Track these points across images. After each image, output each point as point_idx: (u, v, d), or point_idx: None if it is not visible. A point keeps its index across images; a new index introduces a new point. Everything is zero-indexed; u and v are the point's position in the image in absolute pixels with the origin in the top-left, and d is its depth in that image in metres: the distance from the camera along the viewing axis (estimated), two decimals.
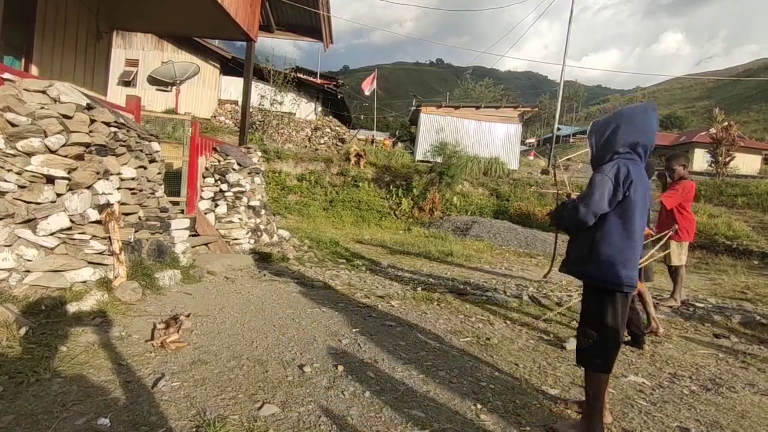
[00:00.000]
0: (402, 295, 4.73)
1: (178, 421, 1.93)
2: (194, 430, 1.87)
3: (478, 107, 20.77)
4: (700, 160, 28.75)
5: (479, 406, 2.33)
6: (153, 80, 19.00)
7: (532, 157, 27.53)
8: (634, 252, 2.05)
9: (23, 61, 6.23)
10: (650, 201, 2.21)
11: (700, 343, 3.80)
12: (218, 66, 20.63)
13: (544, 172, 19.00)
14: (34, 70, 6.22)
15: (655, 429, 2.24)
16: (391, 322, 3.70)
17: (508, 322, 4.04)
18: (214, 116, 20.08)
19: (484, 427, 2.12)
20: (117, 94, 14.62)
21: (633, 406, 2.47)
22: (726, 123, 19.82)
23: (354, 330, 3.43)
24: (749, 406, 2.61)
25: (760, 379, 3.08)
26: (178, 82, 18.79)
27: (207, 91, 20.51)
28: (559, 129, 29.99)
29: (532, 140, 45.03)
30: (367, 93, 24.42)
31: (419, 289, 5.11)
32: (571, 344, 3.40)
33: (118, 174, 3.84)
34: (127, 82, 19.15)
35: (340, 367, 2.67)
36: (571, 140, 48.81)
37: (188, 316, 3.27)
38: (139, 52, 19.76)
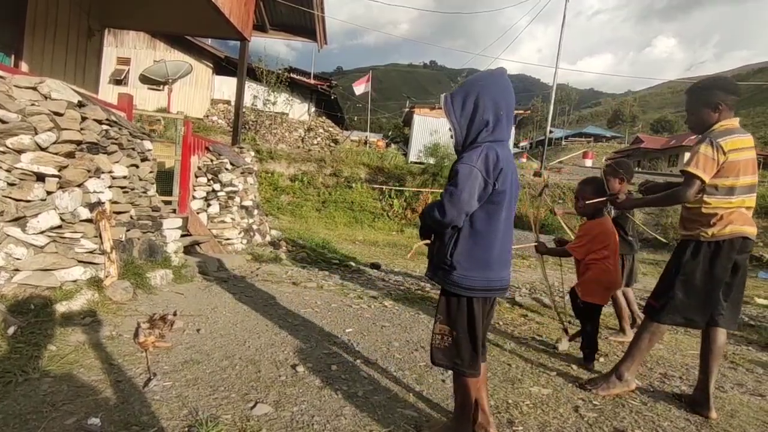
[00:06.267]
0: (395, 295, 4.73)
1: (170, 421, 1.91)
2: (186, 429, 1.86)
3: None
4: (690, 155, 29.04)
5: None
6: (145, 79, 18.83)
7: (524, 160, 27.67)
8: (501, 250, 1.81)
9: (13, 58, 6.15)
10: (518, 187, 1.92)
11: (689, 343, 3.83)
12: (211, 65, 20.53)
13: (537, 174, 19.10)
14: (24, 67, 6.14)
15: (645, 427, 2.26)
16: (384, 323, 3.69)
17: (501, 323, 4.05)
18: (207, 116, 19.95)
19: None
20: (108, 93, 14.49)
21: (624, 406, 2.49)
22: None
23: (347, 330, 3.42)
24: (738, 405, 2.64)
25: (748, 379, 3.11)
26: (170, 81, 18.63)
27: (199, 91, 20.38)
28: (551, 132, 30.21)
29: (525, 143, 45.32)
30: (357, 93, 24.35)
31: (413, 289, 5.11)
32: (564, 345, 3.43)
33: (110, 172, 3.80)
34: (118, 80, 18.99)
35: (334, 367, 2.66)
36: (563, 143, 49.21)
37: (175, 314, 3.22)
38: (131, 51, 19.61)
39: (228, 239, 6.49)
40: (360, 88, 23.99)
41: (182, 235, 5.41)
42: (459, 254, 1.78)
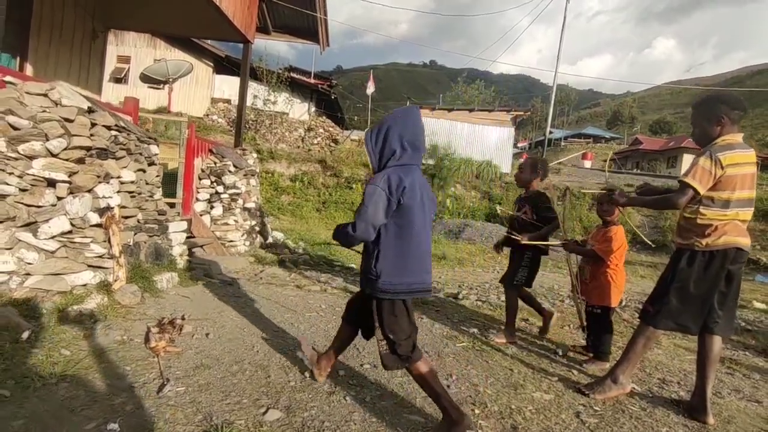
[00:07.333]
0: None
1: (186, 426, 1.97)
2: None
3: (471, 110, 20.89)
4: (689, 164, 29.20)
5: (477, 411, 2.40)
6: (145, 78, 18.84)
7: (523, 160, 27.72)
8: (416, 257, 2.10)
9: (18, 59, 6.19)
10: (434, 204, 2.26)
11: (687, 349, 3.90)
12: (211, 64, 20.54)
13: None
14: (29, 69, 6.18)
15: None
16: None
17: (502, 327, 4.11)
18: (207, 115, 19.97)
19: None
20: (108, 91, 14.49)
21: (624, 412, 2.56)
22: None
23: None
24: (735, 411, 2.71)
25: (745, 384, 3.18)
26: (170, 80, 18.66)
27: (200, 90, 20.38)
28: (551, 132, 30.28)
29: (524, 143, 45.37)
30: (369, 92, 24.86)
31: None
32: (564, 350, 3.49)
33: (118, 177, 3.85)
34: (118, 79, 18.98)
35: (341, 372, 2.72)
36: (563, 144, 49.29)
37: (183, 319, 3.27)
38: (131, 49, 19.59)
39: (231, 241, 6.55)
40: (370, 87, 24.46)
41: (186, 238, 5.46)
42: (381, 265, 2.07)
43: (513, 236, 3.55)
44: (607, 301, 3.27)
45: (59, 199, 3.30)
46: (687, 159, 31.06)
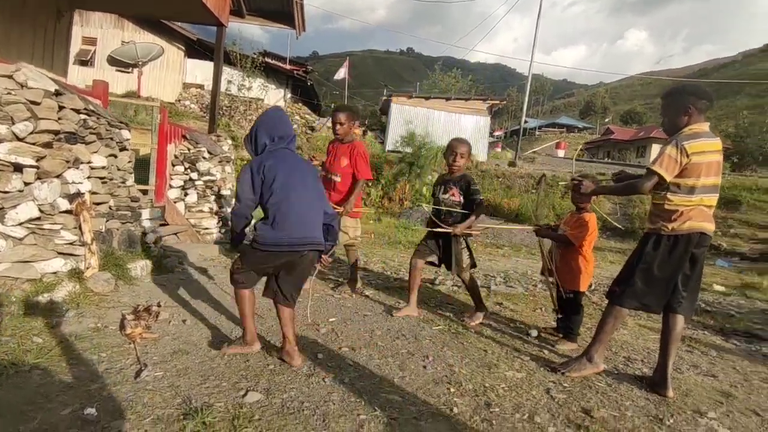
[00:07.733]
0: (375, 284, 4.85)
1: (165, 410, 1.98)
2: (182, 417, 1.93)
3: (448, 99, 20.99)
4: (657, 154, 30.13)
5: (452, 389, 2.48)
6: (113, 61, 18.18)
7: (499, 149, 28.08)
8: (293, 219, 2.46)
9: None
10: (311, 174, 2.69)
11: (651, 329, 4.09)
12: (183, 48, 19.92)
13: (511, 164, 19.48)
14: None
15: (609, 407, 2.46)
16: (366, 312, 3.81)
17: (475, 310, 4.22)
18: (179, 100, 19.42)
19: (458, 409, 2.27)
20: (73, 74, 13.91)
21: (591, 387, 2.69)
22: None
23: (331, 319, 3.52)
24: (693, 385, 2.87)
25: (703, 361, 3.38)
26: (140, 63, 18.05)
27: (171, 74, 19.77)
28: (526, 122, 30.71)
29: (500, 132, 45.83)
30: (337, 77, 24.44)
31: (391, 279, 5.24)
32: (535, 332, 3.62)
33: (89, 162, 3.74)
34: (84, 61, 18.21)
35: (320, 355, 2.76)
36: (537, 133, 50.04)
37: (159, 305, 3.25)
38: (97, 30, 18.80)
39: (206, 229, 6.46)
40: (340, 74, 24.07)
41: (160, 225, 5.37)
42: (260, 226, 2.49)
43: (444, 229, 3.61)
44: (577, 285, 3.41)
45: (27, 184, 3.19)
46: (656, 148, 32.04)
